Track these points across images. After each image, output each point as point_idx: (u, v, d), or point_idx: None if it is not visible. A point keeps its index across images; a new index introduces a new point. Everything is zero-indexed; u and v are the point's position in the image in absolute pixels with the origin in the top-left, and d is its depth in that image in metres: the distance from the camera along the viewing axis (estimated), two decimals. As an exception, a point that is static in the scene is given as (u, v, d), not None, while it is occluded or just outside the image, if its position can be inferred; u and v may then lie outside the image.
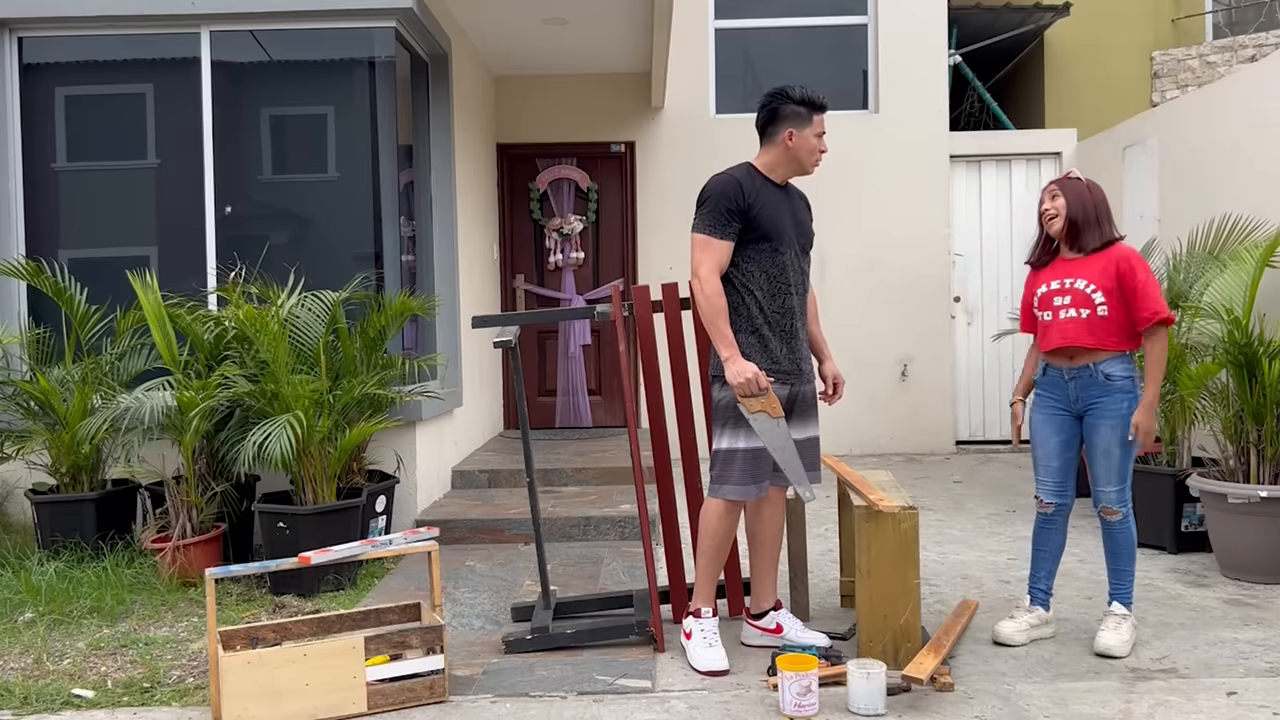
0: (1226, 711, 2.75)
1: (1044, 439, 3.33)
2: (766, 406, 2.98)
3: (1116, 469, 3.21)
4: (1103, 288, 3.17)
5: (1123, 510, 3.25)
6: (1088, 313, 3.18)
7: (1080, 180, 3.28)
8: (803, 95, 3.13)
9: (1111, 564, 3.31)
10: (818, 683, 2.82)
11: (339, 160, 5.00)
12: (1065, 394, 3.28)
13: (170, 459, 4.89)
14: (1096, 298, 3.18)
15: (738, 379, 2.98)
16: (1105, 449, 3.21)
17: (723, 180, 3.11)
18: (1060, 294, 3.24)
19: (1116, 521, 3.26)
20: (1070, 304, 3.21)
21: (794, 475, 3.00)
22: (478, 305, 6.67)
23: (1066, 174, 3.32)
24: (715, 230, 3.08)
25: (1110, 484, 3.23)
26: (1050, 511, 3.36)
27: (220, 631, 2.98)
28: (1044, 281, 3.32)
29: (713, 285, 3.06)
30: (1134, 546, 3.30)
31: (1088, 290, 3.19)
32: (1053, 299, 3.26)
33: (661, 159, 7.61)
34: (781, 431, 2.99)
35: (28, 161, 5.08)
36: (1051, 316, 3.26)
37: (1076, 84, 8.96)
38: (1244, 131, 5.30)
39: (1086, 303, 3.19)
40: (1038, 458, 3.36)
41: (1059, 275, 3.28)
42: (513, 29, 6.30)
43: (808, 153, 3.16)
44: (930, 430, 7.61)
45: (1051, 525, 3.37)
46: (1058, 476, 3.32)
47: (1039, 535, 3.40)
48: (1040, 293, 3.31)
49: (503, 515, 4.96)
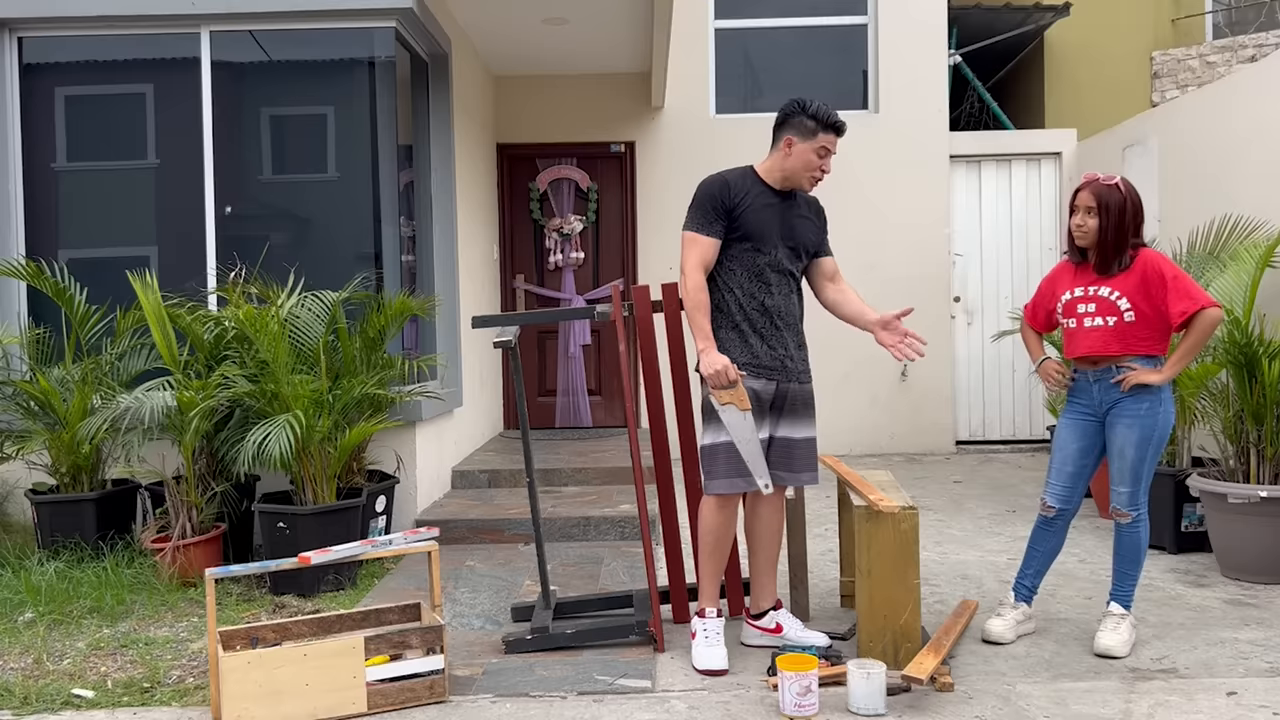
0: (1226, 711, 2.75)
1: (1064, 443, 3.32)
2: (734, 399, 3.07)
3: (1129, 470, 3.20)
4: (1130, 295, 3.16)
5: (1133, 514, 3.23)
6: (1114, 320, 3.17)
7: (1119, 190, 3.14)
8: (815, 110, 3.14)
9: (1117, 565, 3.30)
10: (818, 683, 2.82)
11: (339, 160, 5.00)
12: (1092, 398, 3.26)
13: (170, 459, 4.89)
14: (1122, 304, 3.16)
15: (708, 370, 3.08)
16: (1120, 448, 3.20)
17: (712, 180, 3.19)
18: (1085, 301, 3.22)
19: (1125, 525, 3.25)
20: (1096, 312, 3.19)
21: (755, 468, 3.08)
22: (478, 305, 6.67)
23: (1108, 180, 3.16)
24: (700, 228, 3.17)
25: (1122, 484, 3.22)
26: (1052, 515, 3.35)
27: (220, 631, 2.98)
28: (1068, 288, 3.28)
29: (695, 280, 3.15)
30: (1141, 553, 3.27)
31: (1113, 298, 3.17)
32: (1077, 306, 3.24)
33: (661, 159, 7.61)
34: (748, 425, 3.08)
35: (28, 161, 5.08)
36: (1076, 324, 3.24)
37: (1076, 84, 8.96)
38: (1244, 131, 5.30)
39: (1112, 310, 3.17)
40: (1054, 460, 3.35)
41: (1083, 282, 3.25)
42: (513, 29, 6.30)
43: (803, 166, 3.17)
44: (930, 430, 7.61)
45: (1050, 528, 3.37)
46: (1068, 482, 3.32)
47: (1037, 535, 3.40)
48: (1065, 299, 3.27)
49: (503, 515, 4.96)
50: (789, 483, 3.27)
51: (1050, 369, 3.34)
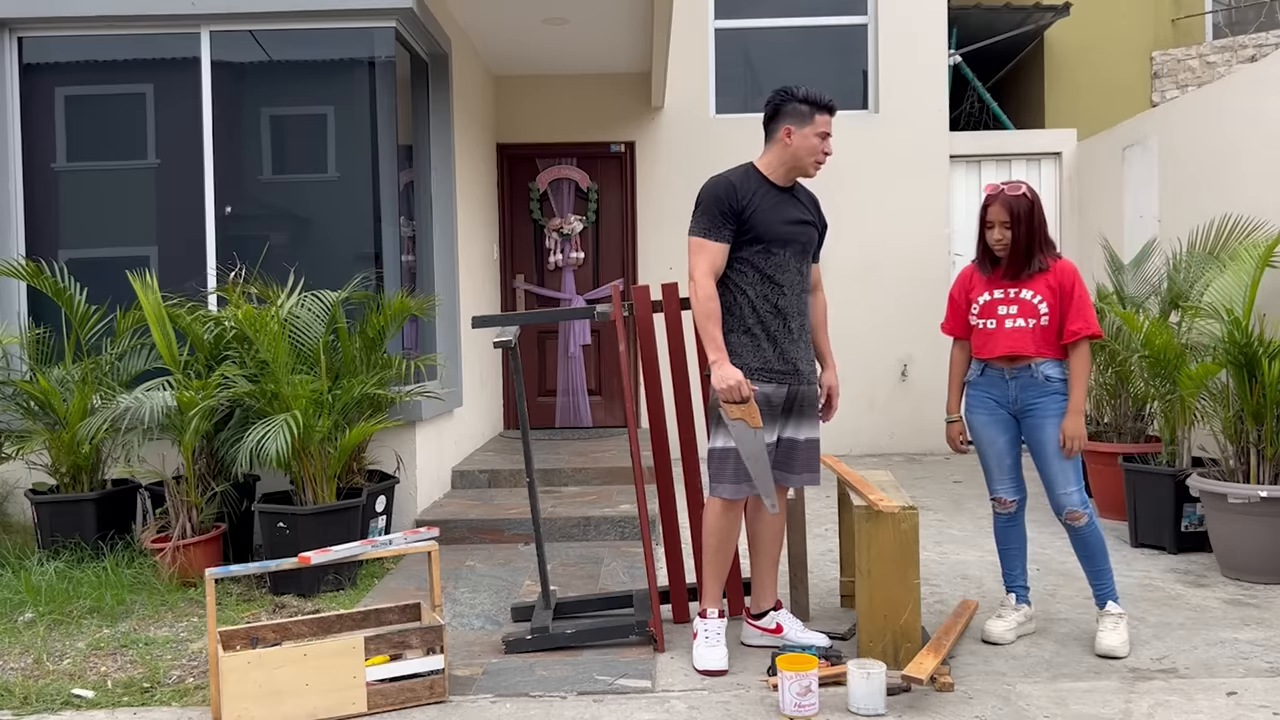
0: (1226, 711, 2.75)
1: (992, 439, 3.35)
2: (746, 415, 3.02)
3: (1073, 468, 3.23)
4: (1047, 299, 3.23)
5: (1087, 512, 3.24)
6: (1034, 322, 3.23)
7: (1026, 198, 3.21)
8: (806, 94, 3.13)
9: (1090, 566, 3.30)
10: (818, 683, 2.82)
11: (339, 160, 5.00)
12: (1006, 393, 3.31)
13: (170, 459, 4.89)
14: (1042, 308, 3.23)
15: (721, 384, 3.02)
16: (1056, 448, 3.22)
17: (716, 183, 3.13)
18: (1005, 303, 3.27)
19: (1084, 525, 3.24)
20: (1017, 314, 3.25)
21: (762, 487, 3.03)
22: (478, 305, 6.67)
23: (1014, 190, 3.22)
24: (709, 233, 3.11)
25: (1070, 484, 3.23)
26: (1014, 510, 3.38)
27: (220, 631, 2.98)
28: (985, 290, 3.33)
29: (705, 288, 3.09)
30: (1105, 542, 3.32)
31: (1034, 301, 3.24)
32: (997, 308, 3.29)
33: (661, 159, 7.61)
34: (758, 442, 3.01)
35: (28, 161, 5.08)
36: (996, 325, 3.29)
37: (1076, 84, 8.96)
38: (1244, 131, 5.30)
39: (1033, 313, 3.24)
40: (989, 458, 3.37)
41: (1002, 285, 3.30)
42: (513, 29, 6.30)
43: (807, 152, 3.14)
44: (930, 430, 7.61)
45: (1014, 522, 3.40)
46: (1012, 473, 3.37)
47: (1005, 534, 3.42)
48: (983, 301, 3.32)
49: (503, 515, 4.96)
50: (789, 483, 3.27)
51: (955, 433, 3.46)
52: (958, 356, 3.49)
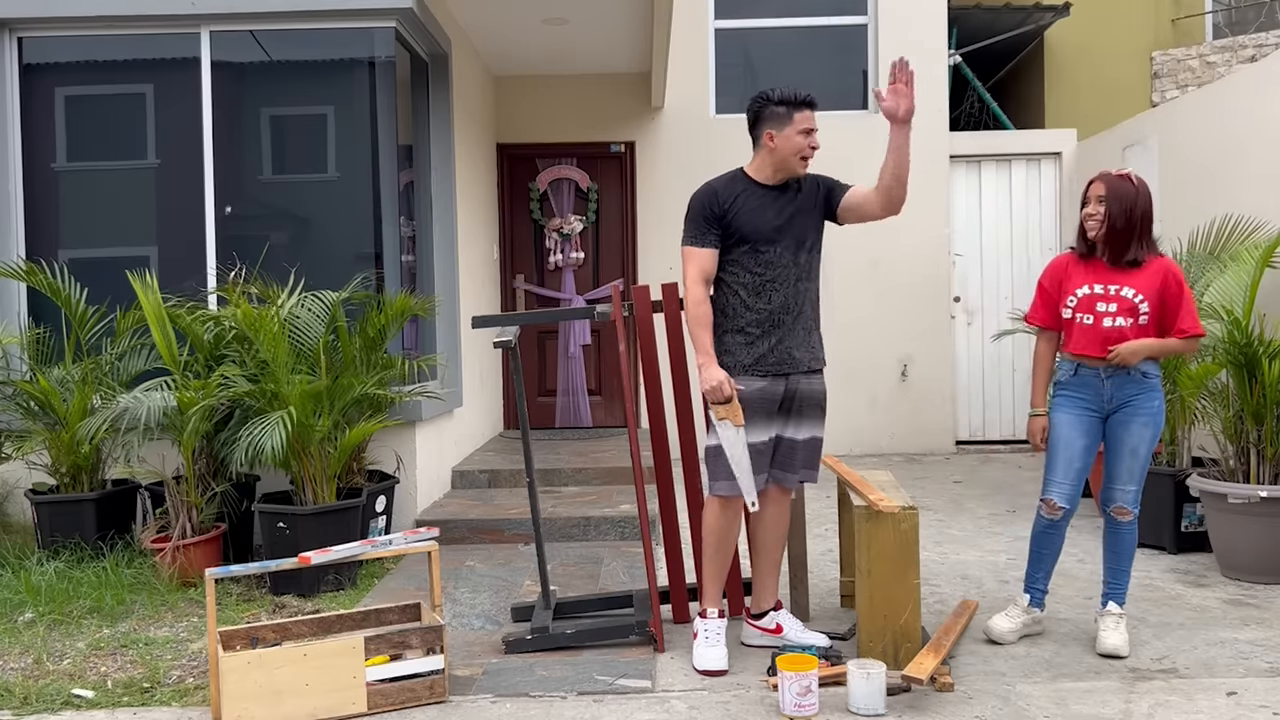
0: (1226, 711, 2.75)
1: (1070, 440, 3.25)
2: (730, 414, 3.09)
3: (1140, 468, 3.21)
4: (1149, 299, 3.17)
5: (1134, 512, 3.25)
6: (1132, 322, 3.17)
7: (1130, 182, 3.16)
8: (781, 95, 3.15)
9: (1114, 564, 3.30)
10: (818, 683, 2.82)
11: (339, 160, 5.00)
12: (1100, 394, 3.23)
13: (170, 459, 4.89)
14: (1143, 307, 3.17)
15: (705, 385, 3.09)
16: (1133, 447, 3.20)
17: (700, 191, 3.23)
18: (1105, 299, 3.20)
19: (1127, 523, 3.25)
20: (1117, 311, 3.18)
21: (744, 484, 3.09)
22: (478, 305, 6.67)
23: (1120, 173, 3.19)
24: (695, 240, 3.20)
25: (1131, 483, 3.22)
26: (1059, 516, 3.29)
27: (220, 631, 2.98)
28: (1085, 283, 3.24)
29: (695, 294, 3.18)
30: (1134, 549, 3.31)
31: (1135, 300, 3.17)
32: (1095, 303, 3.21)
33: (661, 159, 7.61)
34: (740, 441, 3.09)
35: (28, 161, 5.08)
36: (1094, 321, 3.21)
37: (1076, 84, 8.96)
38: (1244, 131, 5.30)
39: (1133, 312, 3.17)
40: (1059, 459, 3.26)
41: (1103, 280, 3.22)
42: (513, 29, 6.30)
43: (792, 151, 3.15)
44: (930, 430, 7.61)
45: (1056, 530, 3.33)
46: (1075, 480, 3.26)
47: (1042, 538, 3.35)
48: (1081, 294, 3.23)
49: (503, 515, 4.96)
50: (784, 482, 3.27)
51: (1038, 428, 3.33)
52: (1043, 349, 3.39)
